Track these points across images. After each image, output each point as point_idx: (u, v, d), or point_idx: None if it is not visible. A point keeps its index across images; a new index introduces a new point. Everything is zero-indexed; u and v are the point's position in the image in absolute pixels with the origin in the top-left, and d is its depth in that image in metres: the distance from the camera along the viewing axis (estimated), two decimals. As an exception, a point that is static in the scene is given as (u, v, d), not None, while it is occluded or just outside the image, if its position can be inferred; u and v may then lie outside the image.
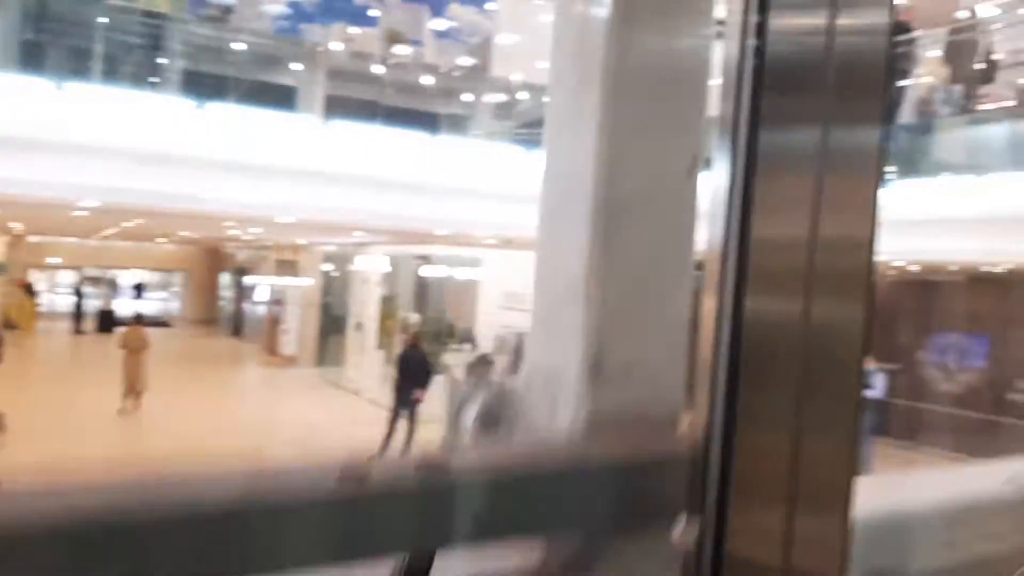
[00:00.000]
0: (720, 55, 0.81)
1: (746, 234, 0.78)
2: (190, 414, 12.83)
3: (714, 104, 0.84)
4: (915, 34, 11.80)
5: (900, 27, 11.52)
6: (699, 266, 0.87)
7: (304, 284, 18.32)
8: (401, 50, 11.32)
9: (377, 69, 10.53)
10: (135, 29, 8.88)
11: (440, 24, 12.38)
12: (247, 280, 23.80)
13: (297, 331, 18.12)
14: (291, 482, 0.79)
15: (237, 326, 23.87)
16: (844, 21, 0.78)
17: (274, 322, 19.32)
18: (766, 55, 0.77)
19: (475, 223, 9.11)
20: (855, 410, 0.84)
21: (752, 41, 0.77)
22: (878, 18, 0.81)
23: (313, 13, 11.62)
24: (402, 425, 10.38)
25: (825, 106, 0.79)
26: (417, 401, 10.31)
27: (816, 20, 0.78)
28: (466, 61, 12.23)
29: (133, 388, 12.12)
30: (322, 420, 13.07)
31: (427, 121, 9.40)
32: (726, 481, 0.80)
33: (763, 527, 0.82)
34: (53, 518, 0.63)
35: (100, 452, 10.00)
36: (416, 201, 8.75)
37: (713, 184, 0.81)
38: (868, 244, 0.82)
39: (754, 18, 0.76)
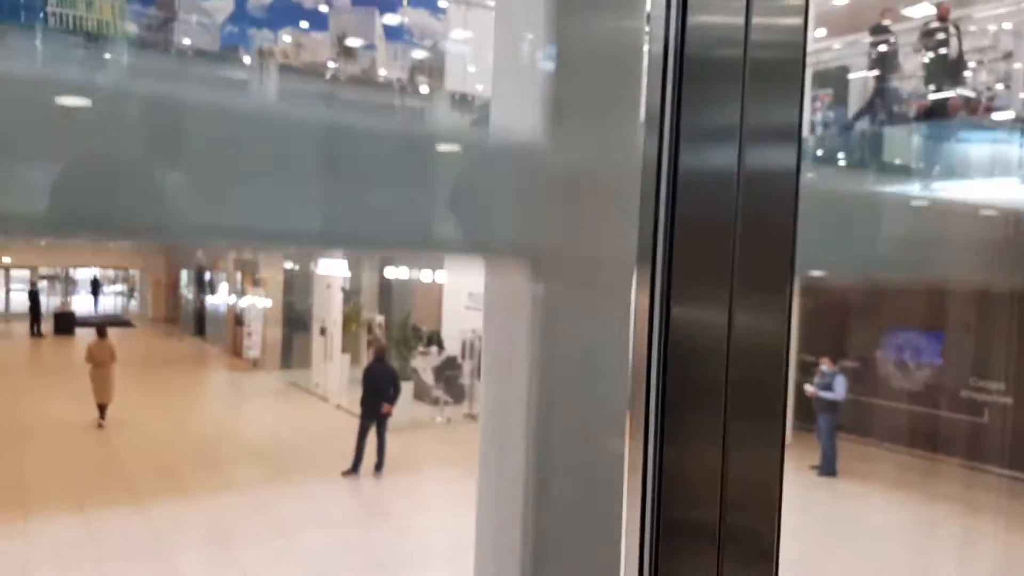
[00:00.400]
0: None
1: (672, 225, 0.81)
2: (157, 429, 12.68)
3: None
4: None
5: (879, 28, 11.56)
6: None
7: (268, 286, 18.08)
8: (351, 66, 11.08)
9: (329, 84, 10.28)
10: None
11: (392, 24, 12.15)
12: (208, 277, 23.45)
13: (261, 333, 17.91)
14: None
15: (200, 325, 23.54)
16: (759, 19, 0.81)
17: (237, 322, 19.05)
18: (686, 45, 0.80)
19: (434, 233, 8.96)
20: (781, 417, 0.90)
21: (675, 32, 0.80)
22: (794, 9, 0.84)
23: (261, 19, 11.29)
24: (372, 440, 10.34)
25: (743, 98, 0.82)
26: (386, 415, 10.27)
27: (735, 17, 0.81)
28: (420, 65, 12.03)
29: (103, 401, 12.43)
30: (292, 431, 12.98)
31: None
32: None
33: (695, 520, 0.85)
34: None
35: (69, 472, 9.86)
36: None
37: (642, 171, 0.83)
38: (791, 235, 0.85)
39: (676, 11, 0.79)
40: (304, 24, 11.44)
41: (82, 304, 28.79)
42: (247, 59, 11.10)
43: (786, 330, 0.85)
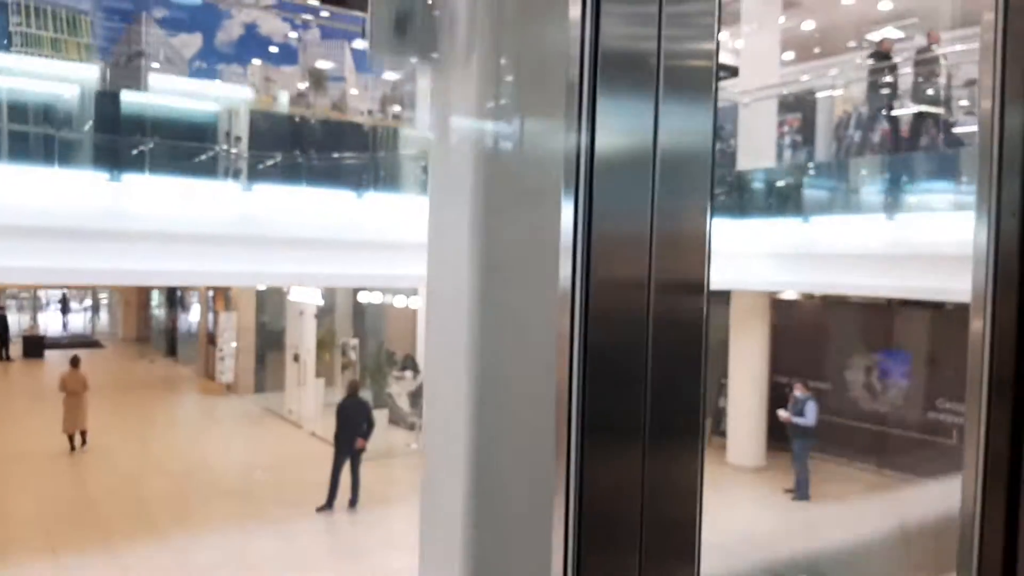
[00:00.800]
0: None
1: (590, 238, 0.85)
2: (130, 462, 12.59)
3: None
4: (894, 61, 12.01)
5: (881, 55, 11.74)
6: None
7: (240, 306, 17.95)
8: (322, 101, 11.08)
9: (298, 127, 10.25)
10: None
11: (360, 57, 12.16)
12: (178, 296, 23.22)
13: (234, 356, 17.78)
14: None
15: (171, 345, 23.30)
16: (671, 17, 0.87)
17: (210, 341, 18.92)
18: (600, 44, 0.84)
19: (401, 276, 9.03)
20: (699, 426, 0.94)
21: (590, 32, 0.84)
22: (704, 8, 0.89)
23: (230, 54, 11.27)
24: (346, 474, 10.33)
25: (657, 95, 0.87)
26: (360, 450, 10.27)
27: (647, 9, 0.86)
28: (391, 95, 12.05)
29: (74, 430, 12.69)
30: (266, 460, 12.92)
31: (352, 178, 9.21)
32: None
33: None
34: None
35: (40, 509, 9.75)
36: (343, 258, 8.62)
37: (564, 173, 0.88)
38: (703, 234, 0.91)
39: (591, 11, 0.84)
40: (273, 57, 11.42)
41: (51, 321, 28.42)
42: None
43: (703, 338, 0.91)
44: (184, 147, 8.12)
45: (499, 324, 1.01)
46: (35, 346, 21.96)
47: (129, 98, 8.69)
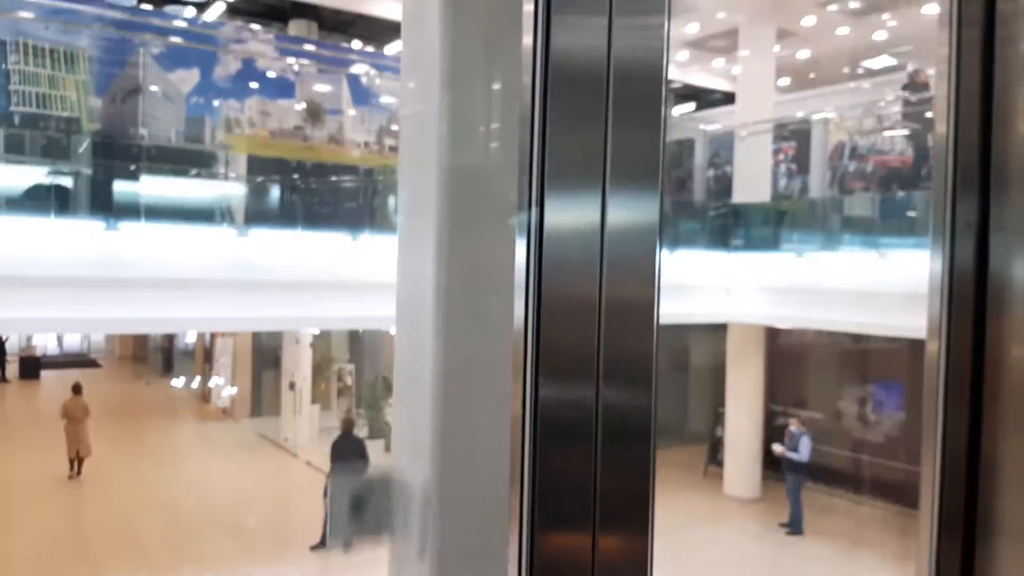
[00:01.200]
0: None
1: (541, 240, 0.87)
2: (126, 494, 12.59)
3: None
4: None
5: (919, 86, 11.78)
6: None
7: (234, 332, 17.96)
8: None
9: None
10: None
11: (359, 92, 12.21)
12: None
13: (230, 381, 17.79)
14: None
15: (168, 364, 23.28)
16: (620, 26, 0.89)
17: (206, 359, 18.94)
18: (551, 56, 0.87)
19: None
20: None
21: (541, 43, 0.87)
22: (655, 20, 0.92)
23: (227, 88, 11.30)
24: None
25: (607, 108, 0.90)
26: (354, 488, 10.26)
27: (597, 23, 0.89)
28: (387, 128, 12.09)
29: (76, 455, 12.86)
30: (261, 493, 12.92)
31: (349, 219, 9.25)
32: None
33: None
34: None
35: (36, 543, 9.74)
36: (340, 299, 8.64)
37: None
38: (654, 233, 0.92)
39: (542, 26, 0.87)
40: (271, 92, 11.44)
41: (46, 337, 28.32)
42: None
43: (653, 342, 0.92)
44: (181, 195, 8.16)
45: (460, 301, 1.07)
46: (31, 367, 21.91)
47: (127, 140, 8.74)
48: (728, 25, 13.85)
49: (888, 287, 9.88)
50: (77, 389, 13.80)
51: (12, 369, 21.89)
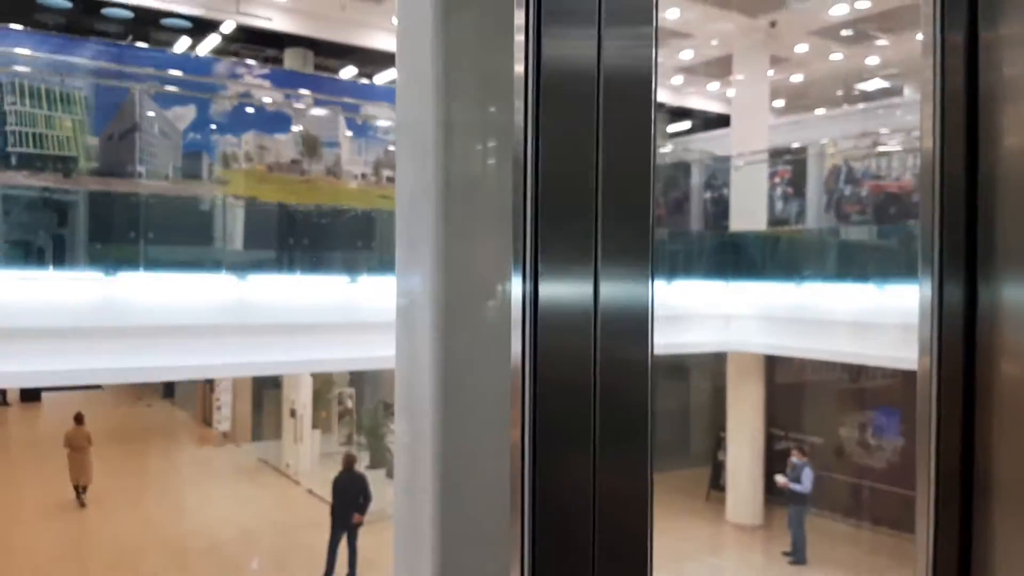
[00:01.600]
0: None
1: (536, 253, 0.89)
2: (125, 524, 12.60)
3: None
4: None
5: None
6: None
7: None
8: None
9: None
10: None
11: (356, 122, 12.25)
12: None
13: (231, 405, 17.80)
14: None
15: (169, 387, 23.28)
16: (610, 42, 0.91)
17: (208, 387, 18.92)
18: (543, 69, 0.89)
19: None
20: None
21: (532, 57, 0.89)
22: (643, 31, 0.93)
23: (224, 124, 11.35)
24: (343, 550, 10.33)
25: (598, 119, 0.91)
26: (357, 524, 10.27)
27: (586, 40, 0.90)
28: (384, 159, 12.13)
29: (79, 483, 13.03)
30: (262, 524, 12.91)
31: (347, 261, 9.28)
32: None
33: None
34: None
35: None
36: (340, 341, 8.66)
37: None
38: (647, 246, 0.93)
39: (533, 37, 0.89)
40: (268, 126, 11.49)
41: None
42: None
43: (648, 336, 0.93)
44: (179, 240, 8.19)
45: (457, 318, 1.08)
46: (32, 389, 21.90)
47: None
48: (722, 52, 13.90)
49: (885, 318, 9.90)
50: (79, 419, 13.88)
51: (13, 392, 21.90)
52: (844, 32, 13.33)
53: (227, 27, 12.76)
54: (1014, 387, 1.14)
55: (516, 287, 0.89)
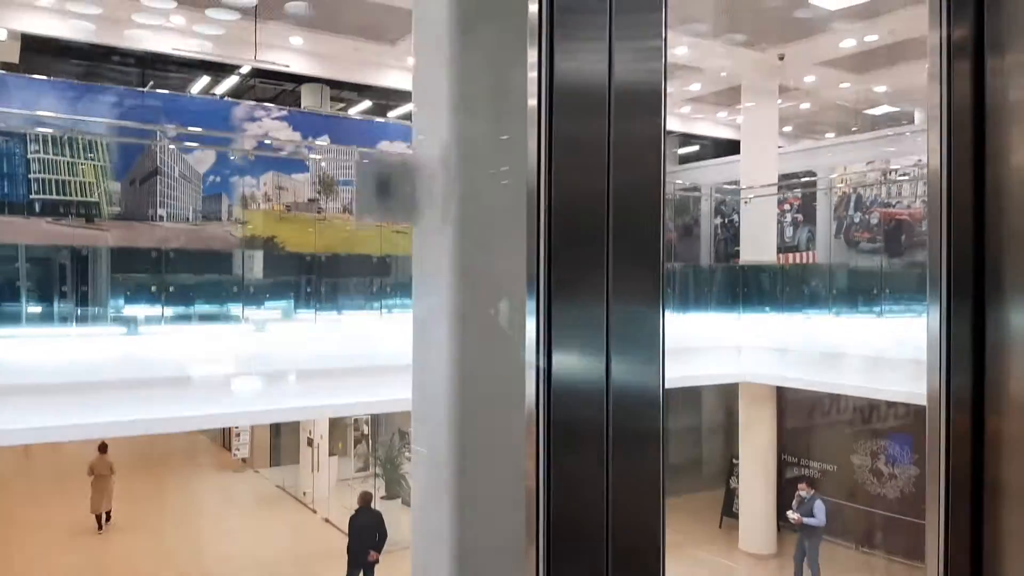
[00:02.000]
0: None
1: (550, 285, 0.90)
2: (144, 552, 12.82)
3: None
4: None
5: None
6: None
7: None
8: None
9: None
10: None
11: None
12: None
13: (250, 431, 18.02)
14: None
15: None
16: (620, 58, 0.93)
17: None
18: (555, 87, 0.91)
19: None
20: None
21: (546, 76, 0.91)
22: (652, 47, 0.96)
23: (243, 166, 11.58)
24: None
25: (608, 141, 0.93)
26: (373, 562, 10.41)
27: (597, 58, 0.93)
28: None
29: (100, 511, 13.33)
30: (279, 555, 13.08)
31: (365, 303, 9.47)
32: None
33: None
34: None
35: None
36: (361, 384, 8.81)
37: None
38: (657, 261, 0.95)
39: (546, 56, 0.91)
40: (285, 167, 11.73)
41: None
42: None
43: (660, 376, 0.94)
44: (200, 293, 8.39)
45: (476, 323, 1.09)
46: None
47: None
48: (732, 84, 14.02)
49: (895, 352, 9.96)
50: (103, 448, 14.10)
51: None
52: (853, 61, 13.43)
53: (245, 68, 13.04)
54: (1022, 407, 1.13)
55: (531, 307, 0.88)
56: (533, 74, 0.90)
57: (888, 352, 10.06)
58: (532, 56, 0.90)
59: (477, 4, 1.11)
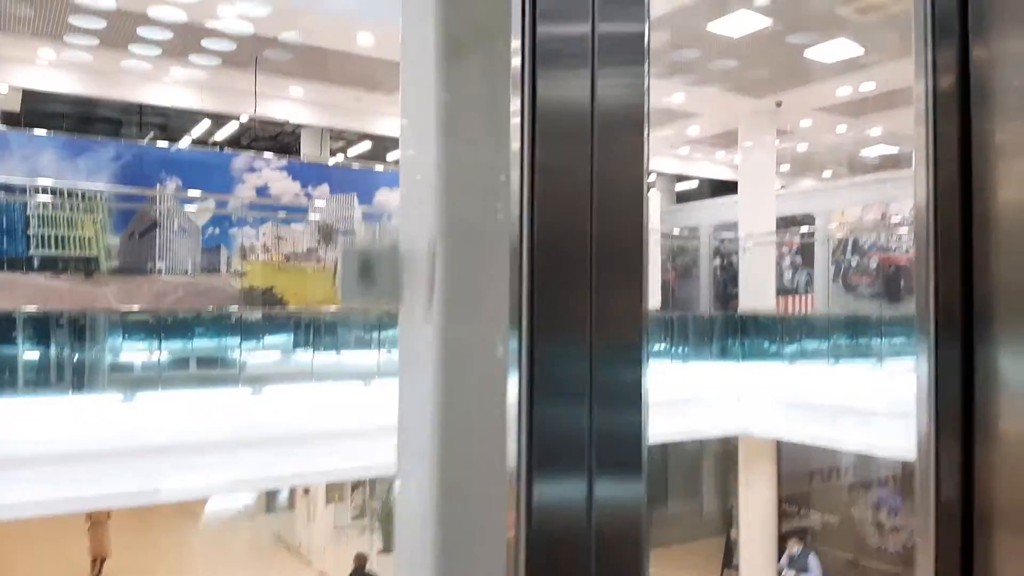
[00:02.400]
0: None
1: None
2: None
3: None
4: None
5: None
6: None
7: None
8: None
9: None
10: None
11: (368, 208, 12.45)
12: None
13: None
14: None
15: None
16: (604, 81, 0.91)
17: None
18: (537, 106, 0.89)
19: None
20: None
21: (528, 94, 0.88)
22: (635, 68, 0.93)
23: (242, 218, 11.56)
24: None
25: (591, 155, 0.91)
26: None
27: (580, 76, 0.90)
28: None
29: (99, 556, 13.31)
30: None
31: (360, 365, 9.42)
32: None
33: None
34: None
35: None
36: (354, 447, 8.74)
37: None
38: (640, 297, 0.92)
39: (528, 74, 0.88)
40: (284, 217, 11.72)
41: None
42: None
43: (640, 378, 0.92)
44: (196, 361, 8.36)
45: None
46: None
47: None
48: (729, 128, 14.10)
49: (893, 406, 9.90)
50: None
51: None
52: (849, 106, 13.52)
53: (244, 117, 13.09)
54: (1013, 441, 1.12)
55: (512, 346, 0.89)
56: (516, 105, 0.89)
57: (886, 404, 10.02)
58: (515, 104, 0.90)
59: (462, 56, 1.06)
